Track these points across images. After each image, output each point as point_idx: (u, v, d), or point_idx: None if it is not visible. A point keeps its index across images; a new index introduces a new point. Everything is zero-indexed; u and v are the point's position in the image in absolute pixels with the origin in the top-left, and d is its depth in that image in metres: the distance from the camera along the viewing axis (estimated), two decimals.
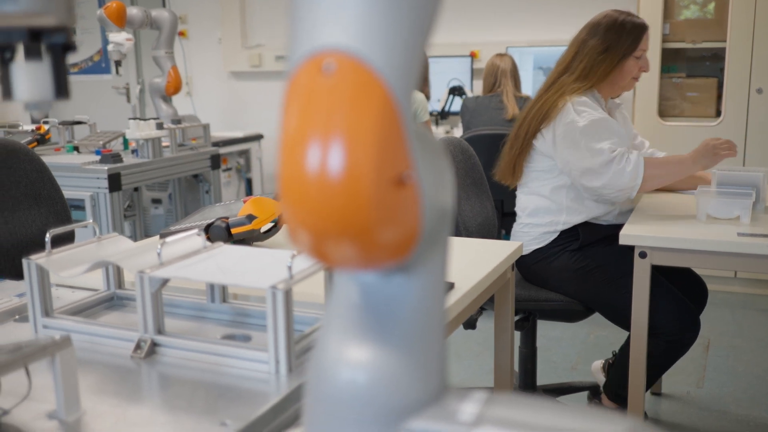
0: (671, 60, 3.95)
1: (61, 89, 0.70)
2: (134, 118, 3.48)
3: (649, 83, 3.74)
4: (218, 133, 4.83)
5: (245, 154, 4.92)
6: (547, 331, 3.32)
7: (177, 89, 4.16)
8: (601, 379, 2.54)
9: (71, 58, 6.03)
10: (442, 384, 0.60)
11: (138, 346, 1.06)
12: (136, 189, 4.08)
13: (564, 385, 2.69)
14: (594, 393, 2.59)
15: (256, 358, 0.99)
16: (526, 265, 2.29)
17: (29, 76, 0.68)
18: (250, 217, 1.43)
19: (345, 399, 0.58)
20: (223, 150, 4.26)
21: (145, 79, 5.70)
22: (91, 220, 1.26)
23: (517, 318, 2.27)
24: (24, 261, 1.14)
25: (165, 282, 1.06)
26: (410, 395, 0.58)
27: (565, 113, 2.12)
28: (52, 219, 2.01)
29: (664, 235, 1.78)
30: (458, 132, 3.89)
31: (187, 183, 4.16)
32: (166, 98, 4.19)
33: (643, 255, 1.77)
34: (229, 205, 1.56)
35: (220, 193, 4.10)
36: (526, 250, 2.26)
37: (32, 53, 0.68)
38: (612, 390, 2.30)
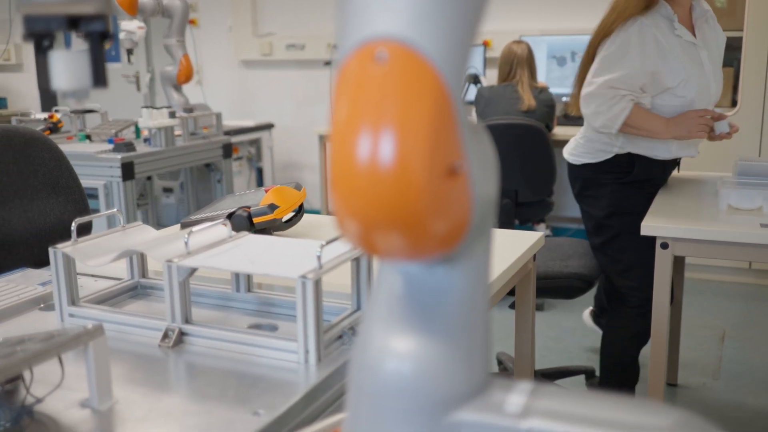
0: None
1: (99, 78, 0.69)
2: (147, 107, 3.47)
3: None
4: (228, 122, 4.82)
5: (256, 143, 4.92)
6: (560, 320, 3.32)
7: (188, 77, 4.15)
8: (591, 326, 2.88)
9: (82, 47, 6.03)
10: (487, 375, 0.59)
11: (166, 335, 1.06)
12: (148, 178, 4.08)
13: (561, 369, 2.71)
14: (590, 376, 2.63)
15: (286, 348, 0.99)
16: (572, 174, 2.36)
17: (67, 65, 0.68)
18: (272, 207, 1.43)
19: (390, 390, 0.57)
20: (234, 139, 4.26)
21: (156, 67, 5.70)
22: (116, 209, 1.26)
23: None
24: (50, 250, 1.14)
25: (193, 271, 1.06)
26: (456, 386, 0.57)
27: (616, 33, 2.11)
28: (70, 208, 2.02)
29: (687, 226, 1.77)
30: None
31: (199, 172, 4.16)
32: (178, 87, 4.19)
33: (665, 246, 1.76)
34: (250, 195, 1.56)
35: (232, 183, 4.10)
36: (577, 161, 2.30)
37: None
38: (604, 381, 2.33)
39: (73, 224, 1.16)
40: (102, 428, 0.82)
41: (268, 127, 4.99)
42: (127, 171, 3.23)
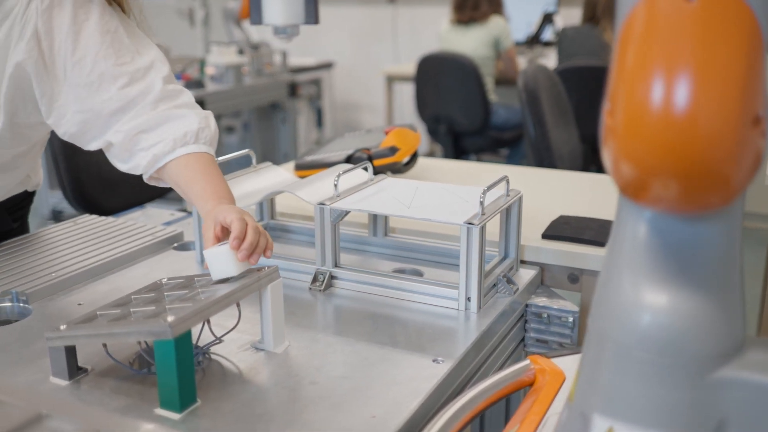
0: None
1: (311, 13, 0.66)
2: (215, 43, 3.43)
3: None
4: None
5: (316, 82, 4.85)
6: None
7: None
8: None
9: None
10: (743, 333, 0.57)
11: (315, 279, 1.05)
12: (218, 117, 4.06)
13: None
14: None
15: (445, 295, 0.97)
16: None
17: (281, 0, 0.65)
18: (393, 149, 1.40)
19: (649, 344, 0.55)
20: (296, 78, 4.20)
21: (211, 3, 5.62)
22: (247, 150, 1.25)
23: None
24: None
25: (345, 214, 1.04)
26: (719, 343, 0.55)
27: None
28: None
29: None
30: (549, 63, 3.73)
31: (260, 111, 4.12)
32: (239, 23, 4.12)
33: None
34: (363, 135, 1.53)
35: (296, 122, 4.07)
36: None
37: None
38: None
39: None
40: (286, 372, 0.82)
41: (328, 66, 4.92)
42: None
